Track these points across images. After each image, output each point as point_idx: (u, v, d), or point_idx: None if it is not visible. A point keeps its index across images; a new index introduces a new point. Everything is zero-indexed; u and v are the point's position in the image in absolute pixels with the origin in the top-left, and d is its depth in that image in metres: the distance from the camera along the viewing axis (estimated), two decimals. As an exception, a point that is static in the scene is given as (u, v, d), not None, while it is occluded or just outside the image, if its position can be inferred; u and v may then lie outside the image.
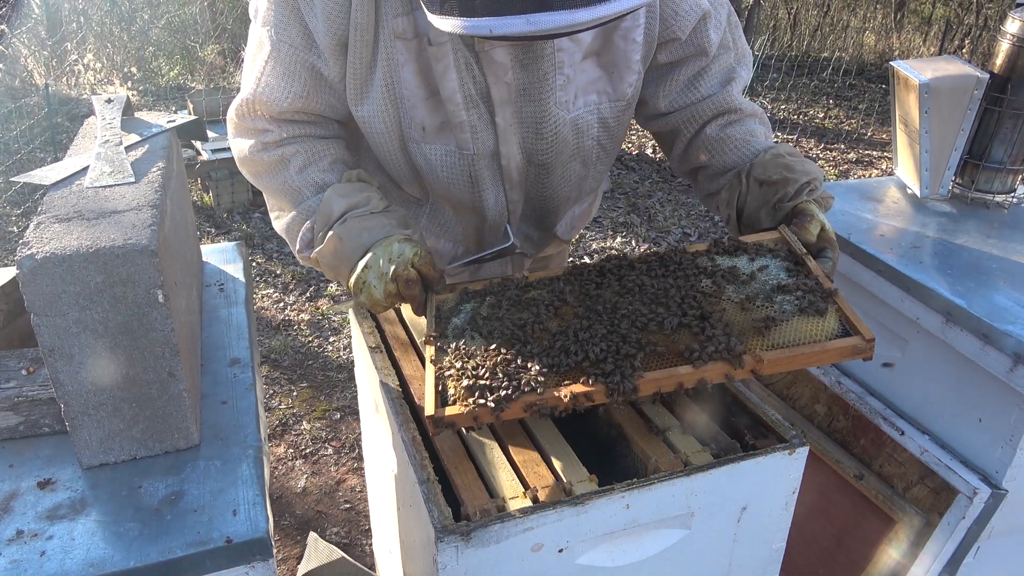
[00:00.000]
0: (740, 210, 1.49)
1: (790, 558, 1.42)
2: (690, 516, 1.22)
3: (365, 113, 1.44)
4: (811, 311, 1.19)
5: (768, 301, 1.22)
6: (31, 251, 1.07)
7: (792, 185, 1.42)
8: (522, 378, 1.14)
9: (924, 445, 1.62)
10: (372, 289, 1.33)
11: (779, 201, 1.43)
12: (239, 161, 1.53)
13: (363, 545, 2.75)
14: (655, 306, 1.23)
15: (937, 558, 1.59)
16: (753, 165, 1.47)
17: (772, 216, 1.45)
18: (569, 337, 1.19)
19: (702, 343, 1.16)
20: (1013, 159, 1.91)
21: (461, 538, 1.06)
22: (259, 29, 1.40)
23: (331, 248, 1.38)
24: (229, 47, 8.45)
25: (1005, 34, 1.84)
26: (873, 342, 1.15)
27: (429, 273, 1.34)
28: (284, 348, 3.82)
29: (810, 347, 1.16)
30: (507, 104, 1.43)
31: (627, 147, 6.54)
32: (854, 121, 7.59)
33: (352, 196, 1.39)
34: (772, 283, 1.26)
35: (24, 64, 7.49)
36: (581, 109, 1.49)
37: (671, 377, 1.14)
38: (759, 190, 1.46)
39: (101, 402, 1.16)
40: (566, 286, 1.31)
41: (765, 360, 1.14)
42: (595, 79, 1.48)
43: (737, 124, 1.54)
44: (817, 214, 1.39)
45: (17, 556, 1.06)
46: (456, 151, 1.47)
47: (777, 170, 1.44)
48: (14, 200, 5.09)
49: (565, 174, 1.58)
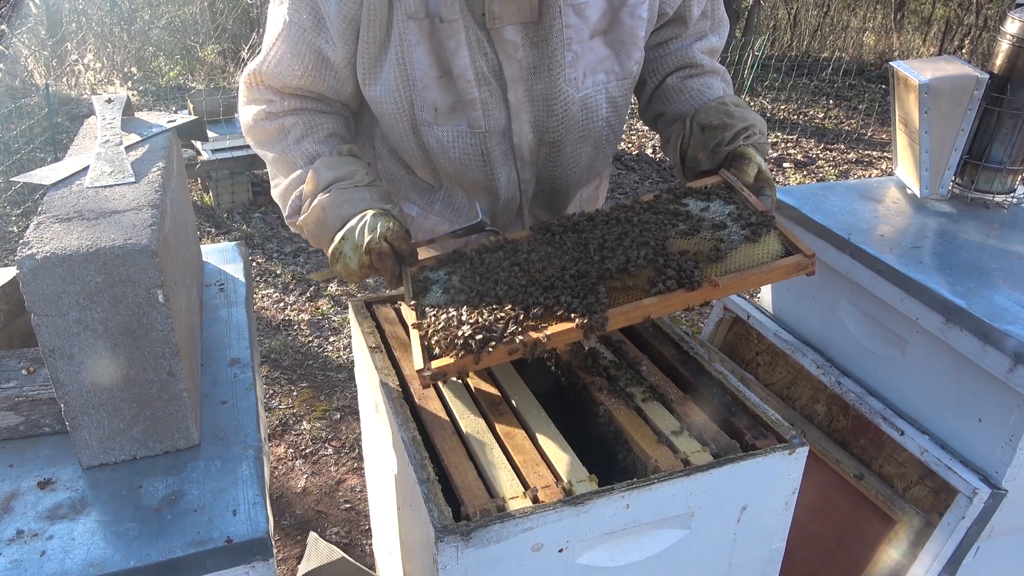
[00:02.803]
0: (683, 153, 1.57)
1: (790, 558, 1.42)
2: (690, 516, 1.22)
3: (377, 94, 1.48)
4: (755, 237, 1.30)
5: (717, 232, 1.32)
6: (31, 251, 1.07)
7: (730, 130, 1.49)
8: (499, 327, 1.22)
9: (924, 445, 1.62)
10: (347, 260, 1.39)
11: (717, 145, 1.50)
12: (246, 129, 1.59)
13: (363, 545, 2.75)
14: (615, 250, 1.31)
15: (937, 558, 1.59)
16: (697, 111, 1.55)
17: (711, 159, 1.51)
18: (538, 286, 1.27)
19: (662, 272, 1.25)
20: (1013, 159, 1.91)
21: (461, 538, 1.06)
22: (276, 7, 1.47)
23: (314, 217, 1.44)
24: (229, 47, 8.45)
25: (1005, 34, 1.84)
26: (814, 257, 1.26)
27: (401, 247, 1.38)
28: (284, 348, 3.82)
29: (758, 268, 1.26)
30: (519, 81, 1.47)
31: (627, 147, 6.55)
32: (854, 121, 7.59)
33: (339, 169, 1.45)
34: (718, 218, 1.36)
35: (24, 64, 7.49)
36: (590, 88, 1.52)
37: (637, 309, 1.23)
38: (701, 134, 1.53)
39: (101, 402, 1.17)
40: (530, 245, 1.39)
41: (720, 284, 1.23)
42: (603, 58, 1.52)
43: (696, 78, 1.63)
44: (754, 157, 1.47)
45: (17, 556, 1.06)
46: (468, 131, 1.50)
47: (718, 116, 1.51)
48: (14, 200, 5.09)
49: (575, 155, 1.61)
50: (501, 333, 1.21)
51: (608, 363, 1.47)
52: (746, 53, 7.93)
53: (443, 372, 1.21)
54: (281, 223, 5.10)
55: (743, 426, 1.30)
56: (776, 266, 1.26)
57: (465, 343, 1.20)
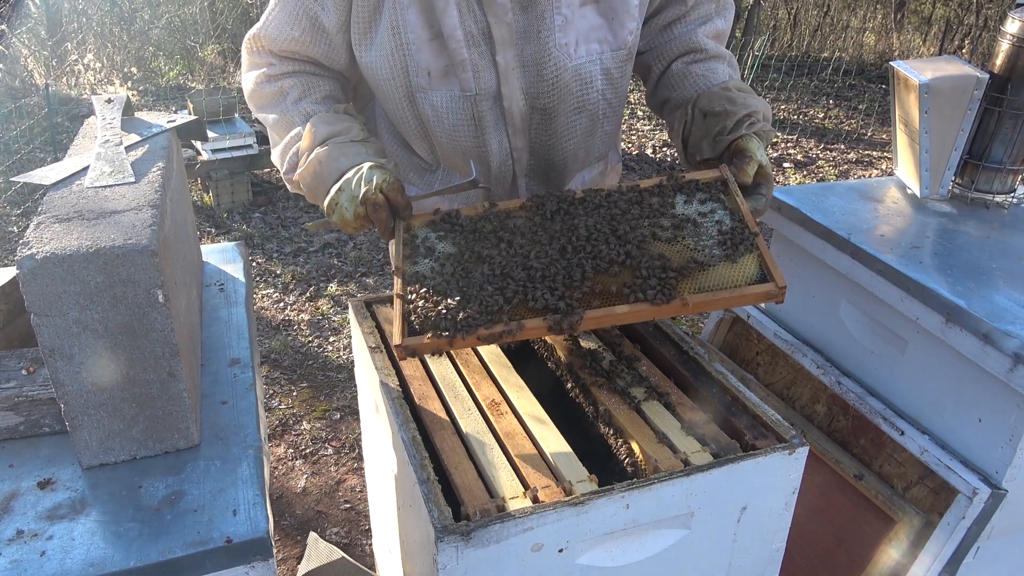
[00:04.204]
0: (686, 140, 1.56)
1: (790, 558, 1.42)
2: (690, 516, 1.22)
3: (372, 59, 1.51)
4: (733, 257, 1.30)
5: (698, 242, 1.33)
6: (31, 251, 1.07)
7: (731, 118, 1.48)
8: (475, 315, 1.24)
9: (924, 445, 1.62)
10: (343, 210, 1.40)
11: (719, 133, 1.49)
12: (248, 95, 1.63)
13: (363, 545, 2.75)
14: (599, 245, 1.32)
15: (937, 558, 1.59)
16: (699, 97, 1.54)
17: (713, 147, 1.50)
18: (520, 274, 1.29)
19: (639, 284, 1.26)
20: (1013, 159, 1.91)
21: (461, 538, 1.06)
22: None
23: (311, 170, 1.46)
24: (229, 47, 8.45)
25: (1005, 34, 1.84)
26: (784, 289, 1.28)
27: (396, 199, 1.40)
28: (284, 348, 3.82)
29: (730, 291, 1.27)
30: (508, 45, 1.48)
31: (627, 147, 6.55)
32: (854, 121, 7.59)
33: (335, 124, 1.49)
34: (706, 225, 1.36)
35: (24, 64, 7.49)
36: (583, 58, 1.53)
37: (608, 316, 1.25)
38: (703, 121, 1.52)
39: (101, 402, 1.16)
40: (523, 220, 1.40)
41: (691, 303, 1.25)
42: (596, 27, 1.52)
43: (701, 63, 1.62)
44: (756, 153, 1.45)
45: (17, 556, 1.06)
46: (460, 95, 1.52)
47: (720, 102, 1.50)
48: (14, 200, 5.09)
49: (570, 126, 1.61)
50: (476, 321, 1.23)
51: (608, 363, 1.47)
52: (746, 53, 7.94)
53: (418, 349, 1.24)
54: (281, 223, 5.11)
55: (743, 426, 1.30)
56: (747, 292, 1.27)
57: (441, 324, 1.23)
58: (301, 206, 5.35)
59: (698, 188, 1.43)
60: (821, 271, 1.86)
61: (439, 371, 1.46)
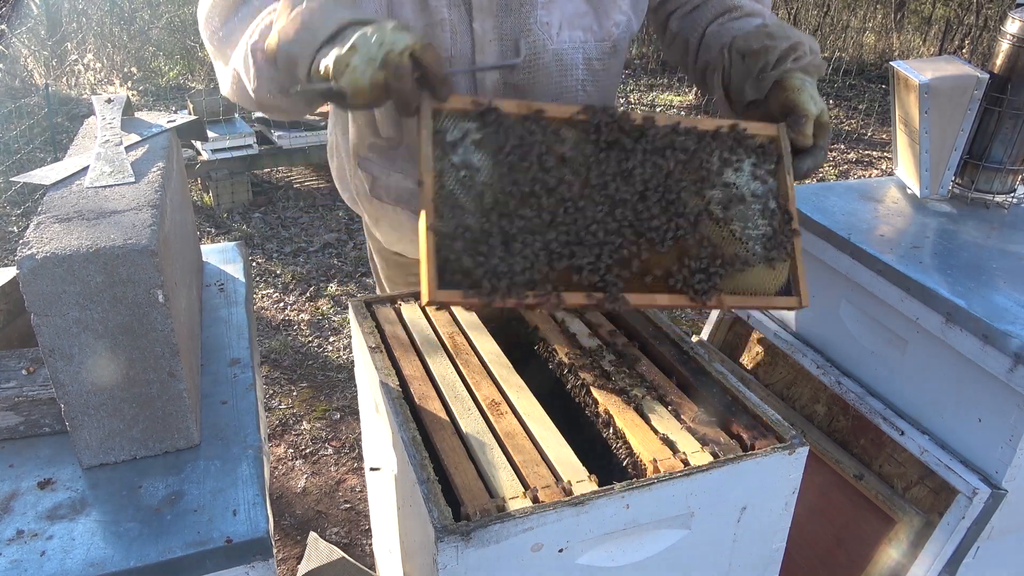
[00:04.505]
0: (727, 87, 1.47)
1: (790, 558, 1.43)
2: (690, 516, 1.22)
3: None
4: (772, 262, 1.32)
5: (744, 229, 1.32)
6: (31, 251, 1.07)
7: (772, 53, 1.36)
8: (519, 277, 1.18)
9: (924, 445, 1.62)
10: (357, 73, 1.12)
11: (761, 71, 1.37)
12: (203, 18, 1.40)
13: (363, 545, 2.75)
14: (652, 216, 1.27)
15: (937, 558, 1.59)
16: (735, 39, 1.43)
17: (756, 88, 1.40)
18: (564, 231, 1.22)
19: (684, 277, 1.27)
20: (1013, 159, 1.91)
21: (461, 538, 1.06)
22: None
23: (296, 23, 1.17)
24: (229, 47, 8.44)
25: (1005, 34, 1.84)
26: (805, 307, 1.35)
27: (433, 68, 1.14)
28: (284, 348, 3.82)
29: (760, 299, 1.33)
30: (487, 14, 1.44)
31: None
32: (854, 121, 7.59)
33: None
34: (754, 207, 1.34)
35: (24, 64, 7.49)
36: (566, 44, 1.49)
37: (648, 301, 1.27)
38: (741, 63, 1.41)
39: (101, 402, 1.17)
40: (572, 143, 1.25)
41: (726, 304, 1.30)
42: (581, 13, 1.48)
43: (736, 20, 1.52)
44: (809, 106, 1.33)
45: (17, 556, 1.06)
46: None
47: (758, 39, 1.39)
48: (14, 200, 5.09)
49: None
50: (519, 286, 1.16)
51: (608, 363, 1.47)
52: (746, 53, 7.94)
53: (449, 303, 1.16)
54: (281, 223, 5.10)
55: (743, 426, 1.30)
56: (773, 302, 1.33)
57: (484, 284, 1.14)
58: (301, 206, 5.35)
59: (753, 149, 1.34)
60: (821, 271, 1.86)
61: (439, 371, 1.46)
